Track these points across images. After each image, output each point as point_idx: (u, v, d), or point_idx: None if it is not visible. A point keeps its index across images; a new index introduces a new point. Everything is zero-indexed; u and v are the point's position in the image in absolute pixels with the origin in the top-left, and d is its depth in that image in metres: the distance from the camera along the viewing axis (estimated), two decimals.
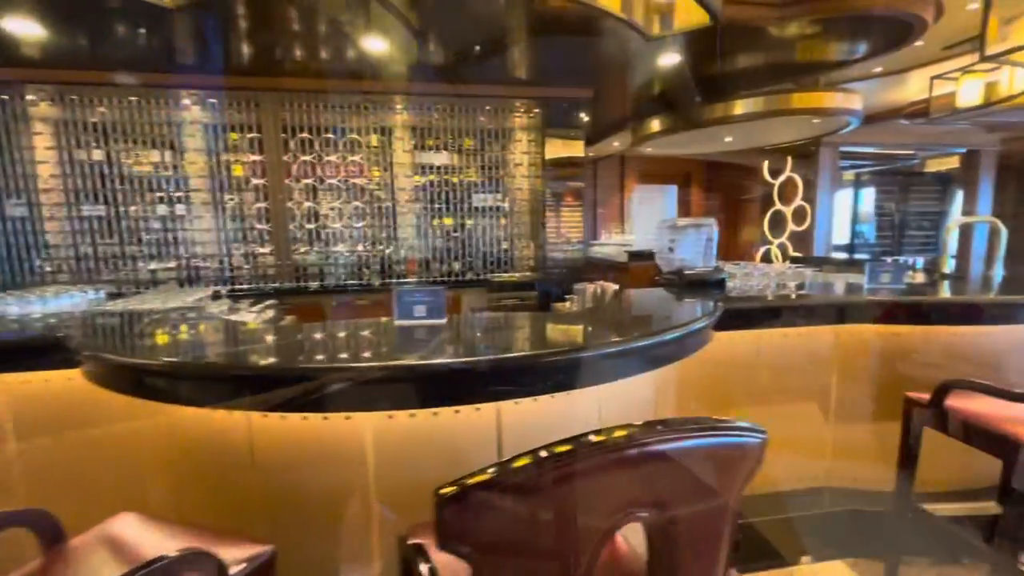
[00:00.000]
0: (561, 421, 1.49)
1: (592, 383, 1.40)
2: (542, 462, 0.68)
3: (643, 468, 0.68)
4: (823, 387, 2.31)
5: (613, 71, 4.01)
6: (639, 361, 1.47)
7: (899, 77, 4.54)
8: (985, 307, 2.16)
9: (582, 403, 1.52)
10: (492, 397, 1.31)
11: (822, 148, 6.42)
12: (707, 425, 0.68)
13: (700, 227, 2.52)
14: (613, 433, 0.67)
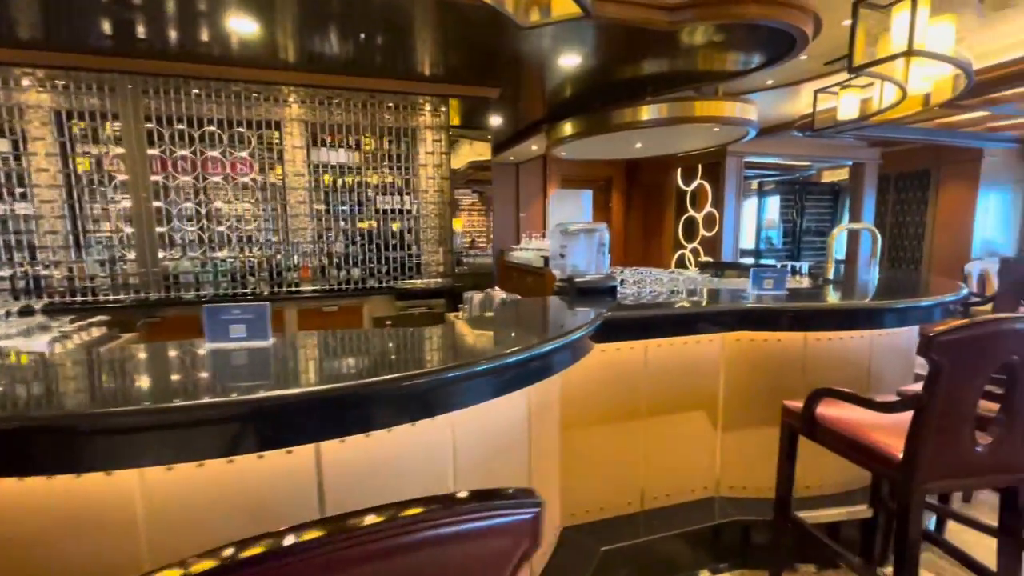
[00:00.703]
0: (402, 457, 1.28)
1: (429, 414, 1.20)
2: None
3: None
4: (711, 395, 2.27)
5: (518, 71, 3.89)
6: (493, 383, 1.29)
7: (791, 90, 4.78)
8: (856, 312, 2.20)
9: (431, 433, 1.33)
10: (304, 437, 1.08)
11: (728, 158, 6.71)
12: (451, 511, 0.50)
13: (592, 232, 2.42)
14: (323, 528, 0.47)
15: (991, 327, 1.33)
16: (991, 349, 1.35)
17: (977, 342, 1.34)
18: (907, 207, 8.49)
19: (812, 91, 3.84)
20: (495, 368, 1.25)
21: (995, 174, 7.66)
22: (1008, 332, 1.34)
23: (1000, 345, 1.35)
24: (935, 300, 2.27)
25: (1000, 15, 3.23)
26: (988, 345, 1.35)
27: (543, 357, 1.41)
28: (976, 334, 1.33)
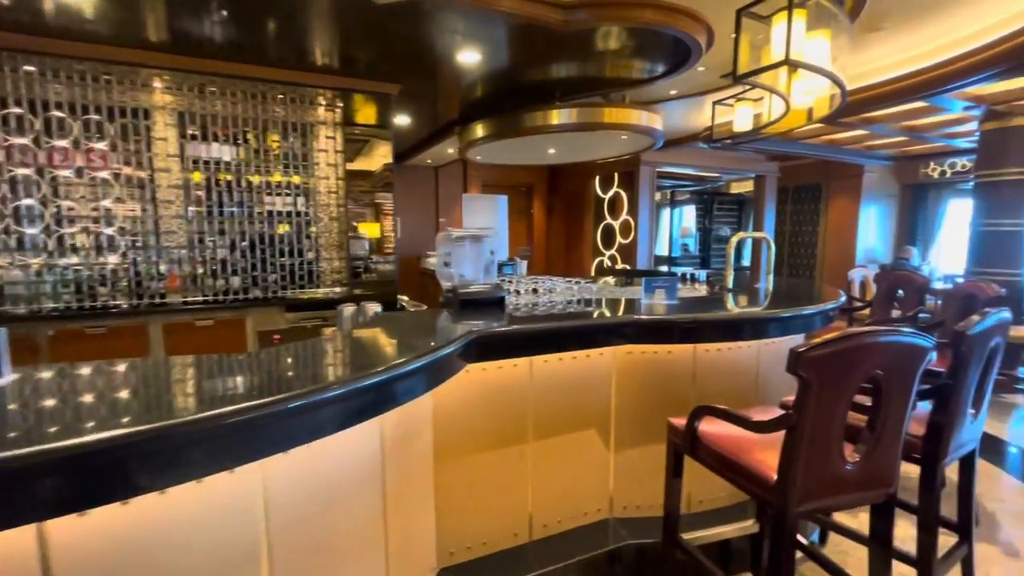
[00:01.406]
0: (184, 525, 1.00)
1: (216, 468, 0.94)
2: None
3: None
4: (603, 413, 2.16)
5: (418, 67, 3.66)
6: (312, 421, 1.05)
7: (696, 103, 4.92)
8: (741, 323, 2.17)
9: (229, 487, 1.06)
10: (18, 516, 0.79)
11: (641, 167, 6.86)
12: None
13: (480, 239, 2.24)
14: None
15: (856, 341, 1.28)
16: (858, 364, 1.30)
17: (844, 357, 1.28)
18: (802, 217, 9.17)
19: (710, 103, 3.94)
20: (310, 404, 1.01)
21: (874, 189, 8.44)
22: (873, 346, 1.30)
23: (866, 359, 1.31)
24: (816, 308, 2.31)
25: (872, 38, 3.45)
26: (855, 360, 1.30)
27: (384, 386, 1.19)
28: (842, 349, 1.27)
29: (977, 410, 1.76)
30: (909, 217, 8.83)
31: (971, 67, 3.14)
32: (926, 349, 1.36)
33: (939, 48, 3.38)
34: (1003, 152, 4.59)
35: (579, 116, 4.33)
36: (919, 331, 1.39)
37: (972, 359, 1.60)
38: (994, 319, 1.62)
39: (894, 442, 1.44)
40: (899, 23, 3.15)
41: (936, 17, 3.09)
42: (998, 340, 1.69)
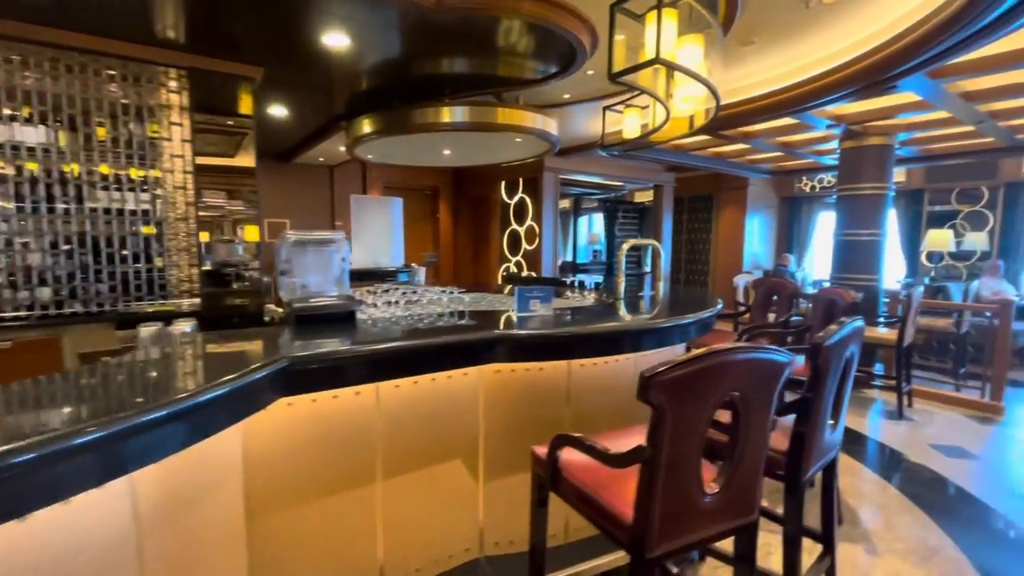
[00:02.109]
0: None
1: None
2: None
3: None
4: (469, 440, 1.92)
5: (280, 48, 3.24)
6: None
7: (593, 108, 4.90)
8: (616, 336, 2.03)
9: None
10: None
11: (545, 173, 6.82)
12: None
13: (326, 243, 1.92)
14: None
15: (711, 361, 1.14)
16: (715, 385, 1.16)
17: (699, 379, 1.14)
18: (697, 226, 9.70)
19: (619, 111, 3.91)
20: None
21: (758, 200, 9.12)
22: (729, 365, 1.17)
23: (723, 379, 1.17)
24: (694, 318, 2.24)
25: (747, 52, 3.58)
26: (711, 381, 1.16)
27: (109, 443, 0.85)
28: (696, 370, 1.13)
29: (836, 420, 1.75)
30: (787, 227, 9.66)
31: (829, 86, 3.34)
32: (783, 365, 1.26)
33: (804, 67, 3.59)
34: (860, 168, 5.04)
35: (471, 115, 4.12)
36: (789, 331, 1.31)
37: (830, 370, 1.56)
38: (849, 328, 1.59)
39: (755, 467, 1.33)
40: (769, 39, 3.28)
41: (800, 36, 3.25)
42: (853, 349, 1.68)
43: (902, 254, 8.09)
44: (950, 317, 5.35)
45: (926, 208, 7.75)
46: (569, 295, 3.19)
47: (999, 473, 3.24)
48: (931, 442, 3.72)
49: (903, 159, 6.53)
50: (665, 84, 2.77)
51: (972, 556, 2.34)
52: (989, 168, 7.02)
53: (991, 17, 2.18)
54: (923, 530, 2.55)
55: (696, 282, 9.76)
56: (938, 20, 2.36)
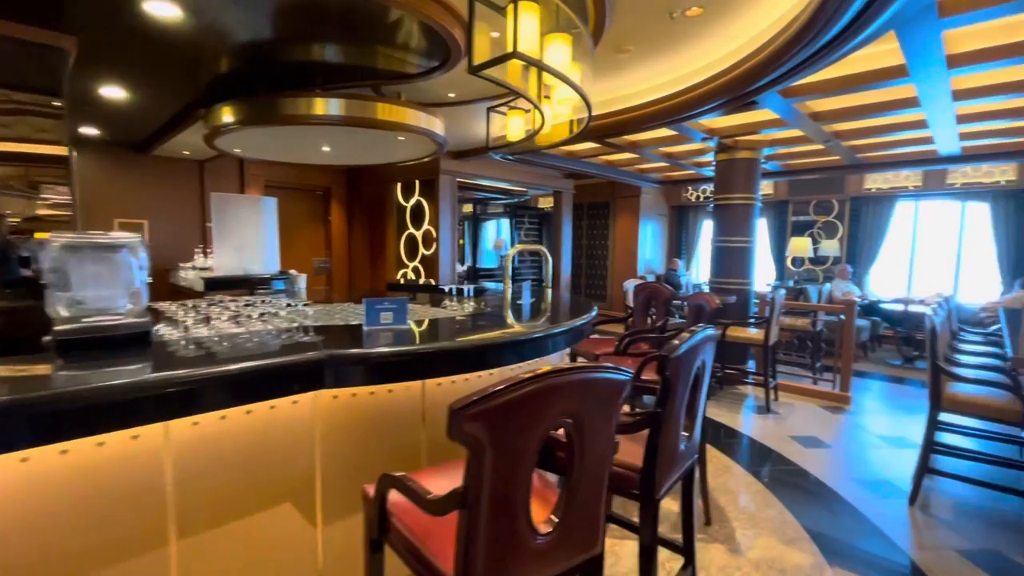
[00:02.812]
0: None
1: None
2: None
3: None
4: (303, 479, 1.64)
5: (99, 14, 2.72)
6: None
7: (483, 109, 4.76)
8: (484, 349, 1.87)
9: None
10: None
11: (441, 175, 6.60)
12: None
13: (112, 248, 1.55)
14: None
15: (534, 386, 0.99)
16: (540, 413, 1.02)
17: (521, 408, 0.99)
18: (596, 232, 10.01)
19: (503, 112, 3.78)
20: None
21: (650, 208, 9.60)
22: (557, 389, 1.04)
23: (550, 406, 1.04)
24: (568, 326, 2.14)
25: (625, 61, 3.63)
26: (536, 409, 1.01)
27: None
28: (517, 398, 0.97)
29: (691, 431, 1.72)
30: (676, 233, 10.28)
31: (699, 98, 3.49)
32: (622, 383, 1.16)
33: (679, 78, 3.73)
34: (732, 179, 5.41)
35: (348, 109, 3.79)
36: (665, 336, 1.20)
37: (679, 382, 1.51)
38: (697, 338, 1.55)
39: (595, 497, 1.22)
40: (644, 48, 3.34)
41: (672, 48, 3.36)
42: (704, 356, 1.65)
43: (772, 259, 8.92)
44: (808, 316, 5.91)
45: (790, 218, 8.60)
46: (447, 304, 3.00)
47: (848, 461, 3.54)
48: (792, 434, 4.01)
49: (769, 173, 7.17)
50: (537, 85, 2.69)
51: (824, 548, 2.48)
52: (838, 183, 7.95)
53: (825, 39, 2.34)
54: (782, 525, 2.68)
55: (596, 286, 10.07)
56: (782, 40, 2.51)
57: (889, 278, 7.86)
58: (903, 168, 6.54)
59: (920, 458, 2.93)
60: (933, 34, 2.49)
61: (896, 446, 3.80)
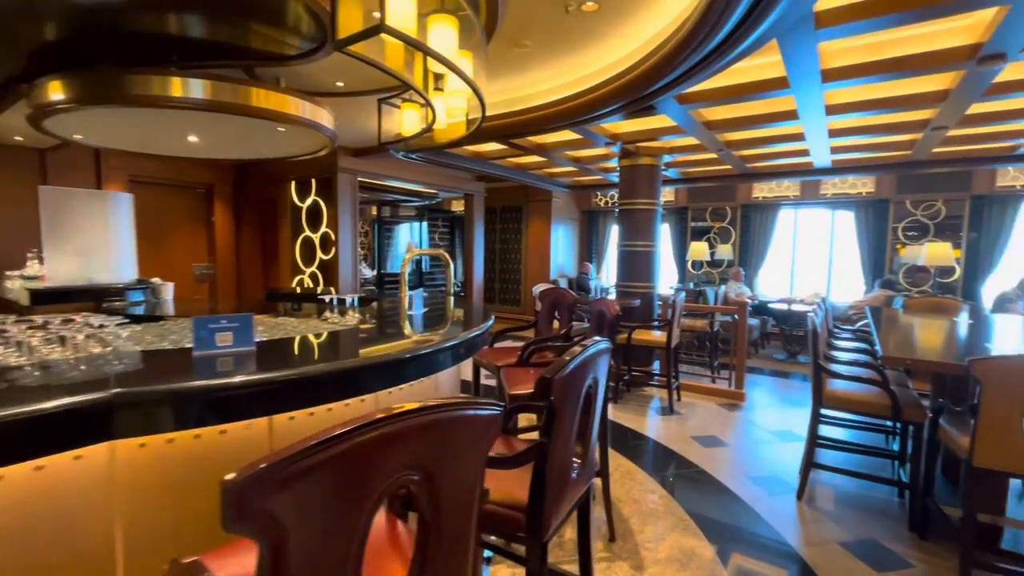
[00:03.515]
0: None
1: None
2: None
3: None
4: (99, 559, 1.26)
5: None
6: None
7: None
8: (347, 374, 1.56)
9: None
10: None
11: (340, 174, 6.12)
12: None
13: None
14: None
15: (360, 438, 0.74)
16: (367, 476, 0.77)
17: (336, 471, 0.73)
18: (509, 236, 9.93)
19: (397, 105, 3.47)
20: None
21: (561, 212, 9.68)
22: (395, 439, 0.79)
23: (382, 464, 0.79)
24: (456, 340, 1.90)
25: (523, 57, 3.49)
26: (360, 472, 0.76)
27: None
28: (331, 457, 0.72)
29: (585, 456, 1.56)
30: (587, 238, 10.49)
31: (598, 100, 3.44)
32: (487, 421, 0.95)
33: (581, 79, 3.65)
34: (635, 185, 5.51)
35: (215, 92, 3.27)
36: (569, 343, 0.99)
37: (567, 405, 1.33)
38: (586, 354, 1.39)
39: (459, 555, 0.99)
40: (542, 45, 3.22)
41: (571, 46, 3.26)
42: (595, 374, 1.49)
43: (675, 263, 9.36)
44: (706, 318, 6.19)
45: (690, 224, 9.08)
46: (328, 316, 2.65)
47: (743, 458, 3.64)
48: (693, 434, 4.09)
49: (670, 180, 7.48)
50: (424, 75, 2.45)
51: (723, 554, 2.46)
52: (731, 191, 8.50)
53: (714, 42, 2.34)
54: (684, 533, 2.63)
55: (510, 291, 9.98)
56: (674, 43, 2.48)
57: (775, 280, 8.53)
58: (784, 178, 7.10)
59: (805, 453, 3.05)
60: (810, 46, 2.58)
61: (785, 440, 4.00)
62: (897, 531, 2.69)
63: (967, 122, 4.20)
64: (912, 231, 7.18)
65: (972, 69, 2.88)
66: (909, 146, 5.15)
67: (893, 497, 3.06)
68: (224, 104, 3.32)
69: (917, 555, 2.48)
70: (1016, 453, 2.03)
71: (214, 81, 3.29)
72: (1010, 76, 3.31)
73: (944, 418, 2.52)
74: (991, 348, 2.83)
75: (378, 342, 1.98)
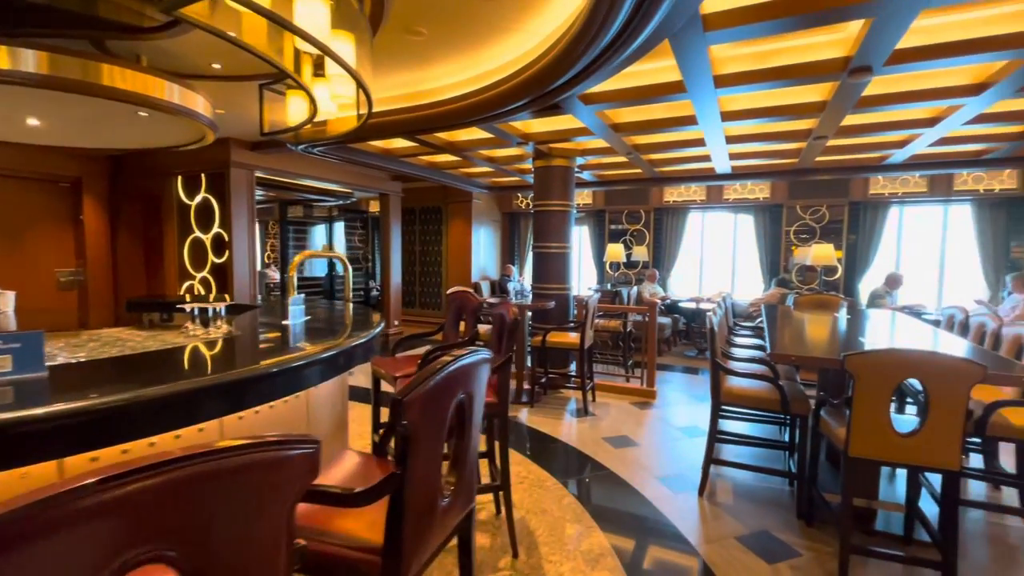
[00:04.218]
0: None
1: None
2: None
3: None
4: None
5: None
6: None
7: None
8: (157, 403, 1.28)
9: None
10: None
11: (233, 169, 5.57)
12: None
13: None
14: None
15: (87, 499, 0.53)
16: (108, 551, 0.56)
17: (64, 544, 0.52)
18: (429, 238, 9.65)
19: (298, 96, 3.13)
20: None
21: (483, 214, 9.56)
22: (131, 500, 0.59)
23: (139, 527, 0.58)
24: (313, 356, 1.66)
25: (427, 49, 3.31)
26: (87, 545, 0.55)
27: None
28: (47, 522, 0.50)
29: (459, 483, 1.40)
30: (509, 239, 10.44)
31: (503, 96, 3.33)
32: (290, 462, 0.76)
33: (486, 74, 3.52)
34: (549, 186, 5.49)
35: (54, 66, 2.78)
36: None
37: (427, 428, 1.17)
38: (456, 366, 1.23)
39: None
40: (440, 35, 3.05)
41: (473, 39, 3.12)
42: (469, 389, 1.34)
43: (594, 265, 9.55)
44: (620, 318, 6.31)
45: (607, 226, 9.30)
46: (188, 328, 2.30)
47: (652, 458, 3.67)
48: (605, 435, 4.09)
49: (586, 182, 7.59)
50: (295, 55, 2.19)
51: (625, 561, 2.41)
52: (644, 195, 8.81)
53: (606, 39, 2.29)
54: (590, 542, 2.56)
55: (431, 294, 9.70)
56: (569, 37, 2.41)
57: (686, 280, 8.95)
58: (690, 183, 7.45)
59: (706, 450, 3.11)
60: (700, 49, 2.62)
61: (691, 436, 4.10)
62: (788, 520, 2.79)
63: (843, 133, 4.57)
64: (803, 234, 7.80)
65: (844, 81, 3.08)
66: (796, 154, 5.54)
67: (785, 487, 3.19)
68: (66, 81, 2.84)
69: (804, 543, 2.57)
70: (885, 443, 2.14)
71: (52, 54, 2.80)
72: (878, 90, 3.61)
73: (825, 410, 2.65)
74: (864, 343, 3.03)
75: (228, 359, 1.70)
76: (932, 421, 2.05)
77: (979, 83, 3.35)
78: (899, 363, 2.07)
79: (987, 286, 6.87)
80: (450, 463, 1.38)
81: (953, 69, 3.32)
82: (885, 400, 2.11)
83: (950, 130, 4.27)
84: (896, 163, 5.77)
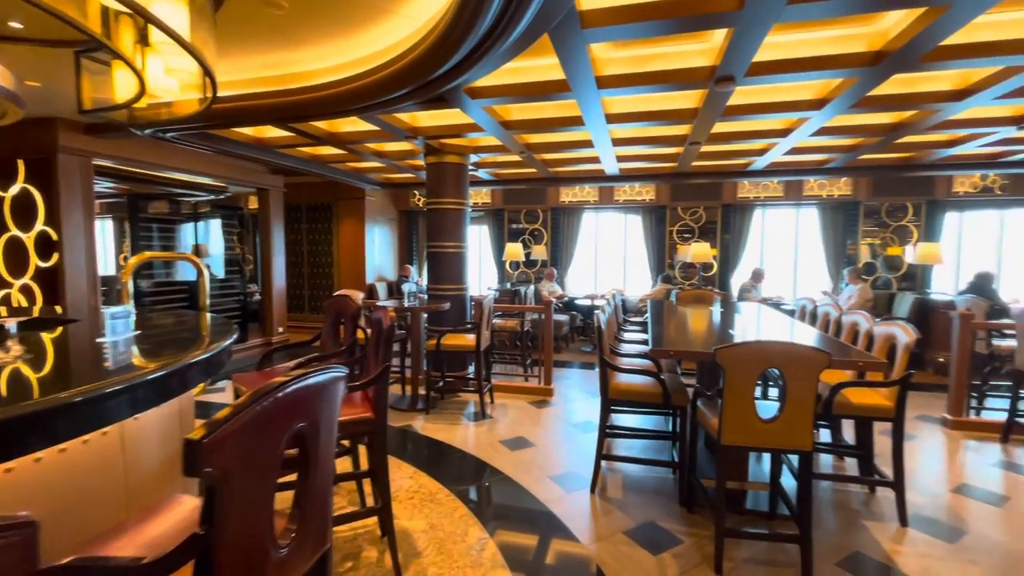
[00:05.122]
0: None
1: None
2: None
3: None
4: None
5: None
6: None
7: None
8: None
9: None
10: None
11: (62, 155, 4.68)
12: None
13: None
14: None
15: None
16: None
17: None
18: (318, 236, 8.98)
19: (107, 63, 2.59)
20: None
21: (377, 212, 9.09)
22: None
23: None
24: (126, 382, 1.34)
25: (302, 35, 2.97)
26: None
27: None
28: None
29: (304, 531, 1.18)
30: (407, 239, 10.07)
31: (381, 84, 3.09)
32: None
33: (363, 59, 3.25)
34: (443, 184, 5.30)
35: None
36: (352, 360, 0.57)
37: (246, 472, 0.95)
38: (285, 391, 1.02)
39: None
40: (303, 10, 2.74)
41: (346, 22, 2.85)
42: (313, 417, 1.14)
43: (494, 264, 9.52)
44: (518, 317, 6.31)
45: (507, 225, 9.32)
46: None
47: (547, 458, 3.65)
48: (502, 438, 4.01)
49: (481, 180, 7.51)
50: (101, 12, 1.80)
51: (516, 567, 2.32)
52: (542, 194, 8.94)
53: (483, 29, 2.18)
54: (480, 552, 2.43)
55: (321, 297, 9.04)
56: (443, 25, 2.26)
57: (583, 278, 9.24)
58: (583, 184, 7.68)
59: (597, 445, 3.14)
60: (580, 46, 2.61)
61: (586, 431, 4.16)
62: (671, 508, 2.90)
63: (714, 139, 4.93)
64: (685, 233, 8.41)
65: (712, 89, 3.28)
66: (675, 159, 5.91)
67: (670, 476, 3.33)
68: None
69: (685, 530, 2.67)
70: (751, 430, 2.26)
71: None
72: (741, 100, 3.91)
73: (701, 401, 2.77)
74: (734, 335, 3.24)
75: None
76: (789, 406, 2.20)
77: (820, 98, 3.76)
78: (762, 354, 2.20)
79: (830, 278, 7.92)
80: (292, 506, 1.16)
81: (801, 84, 3.68)
82: (751, 389, 2.24)
83: (799, 140, 4.79)
84: (757, 169, 6.40)
